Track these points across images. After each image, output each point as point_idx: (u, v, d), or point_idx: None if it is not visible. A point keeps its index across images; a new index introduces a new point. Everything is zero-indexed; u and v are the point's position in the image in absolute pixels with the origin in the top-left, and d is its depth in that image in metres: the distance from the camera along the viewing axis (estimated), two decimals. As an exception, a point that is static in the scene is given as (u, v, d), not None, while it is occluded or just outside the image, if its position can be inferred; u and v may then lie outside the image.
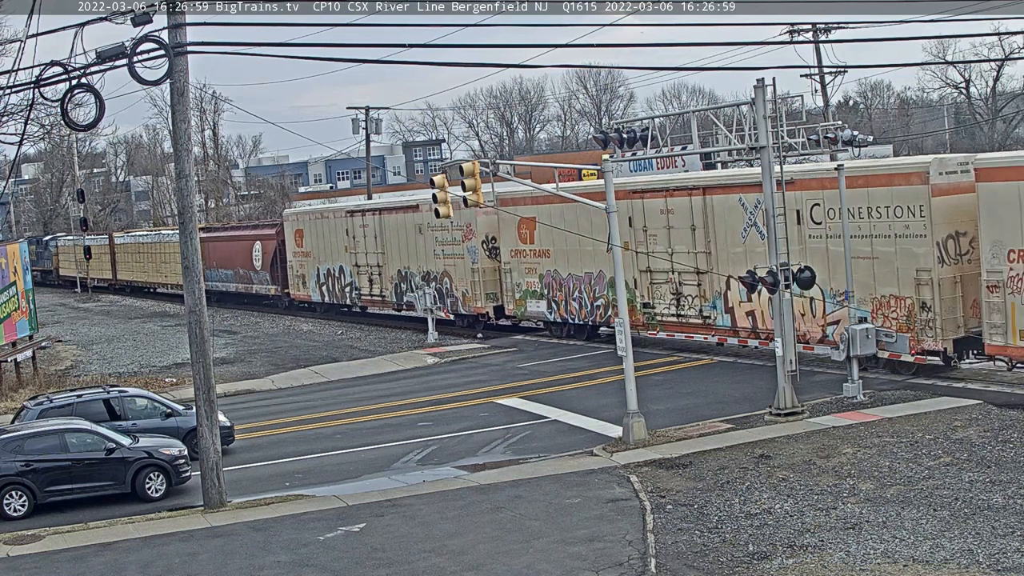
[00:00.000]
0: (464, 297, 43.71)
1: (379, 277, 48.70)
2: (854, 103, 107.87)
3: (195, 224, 22.51)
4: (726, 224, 32.04)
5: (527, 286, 40.75)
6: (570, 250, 38.29)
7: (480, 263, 42.70)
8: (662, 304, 34.93)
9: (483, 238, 42.53)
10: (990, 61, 78.73)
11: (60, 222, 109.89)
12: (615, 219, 25.31)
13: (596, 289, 37.51)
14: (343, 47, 42.20)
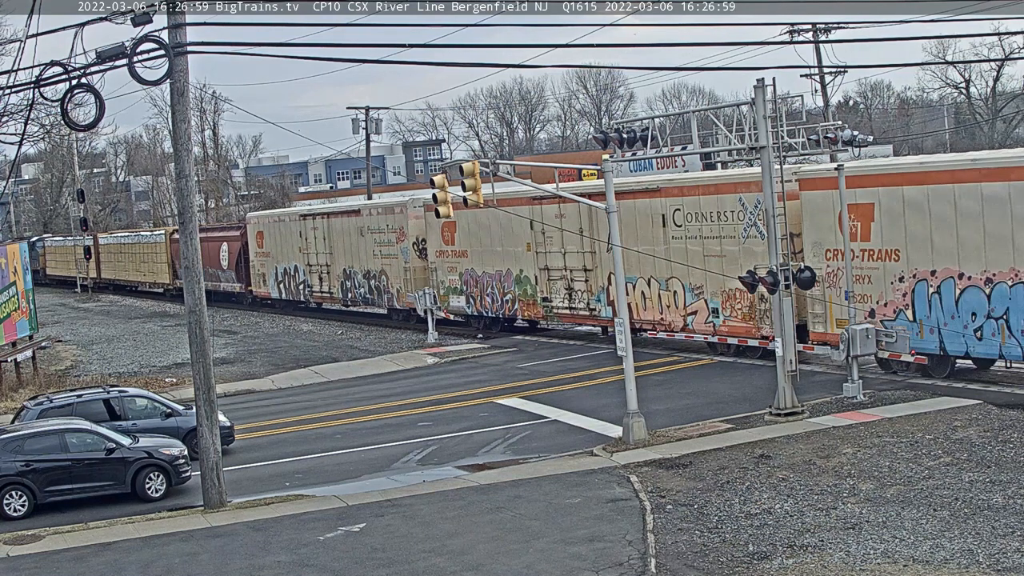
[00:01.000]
0: (399, 293, 47.32)
1: (328, 275, 52.64)
2: (854, 103, 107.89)
3: (195, 224, 22.50)
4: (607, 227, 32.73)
5: (449, 283, 44.53)
6: (484, 251, 42.41)
7: (411, 262, 46.35)
8: (558, 298, 39.14)
9: (414, 240, 46.14)
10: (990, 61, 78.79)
11: (60, 222, 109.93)
12: (615, 219, 25.33)
13: (505, 286, 41.60)
14: (343, 47, 42.28)
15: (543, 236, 39.21)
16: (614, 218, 25.26)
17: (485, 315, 43.15)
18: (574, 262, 38.13)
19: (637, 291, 35.30)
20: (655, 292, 35.18)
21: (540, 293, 39.84)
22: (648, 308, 35.37)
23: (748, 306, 31.56)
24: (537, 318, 41.18)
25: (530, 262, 39.97)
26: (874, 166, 29.12)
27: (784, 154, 26.76)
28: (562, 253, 38.56)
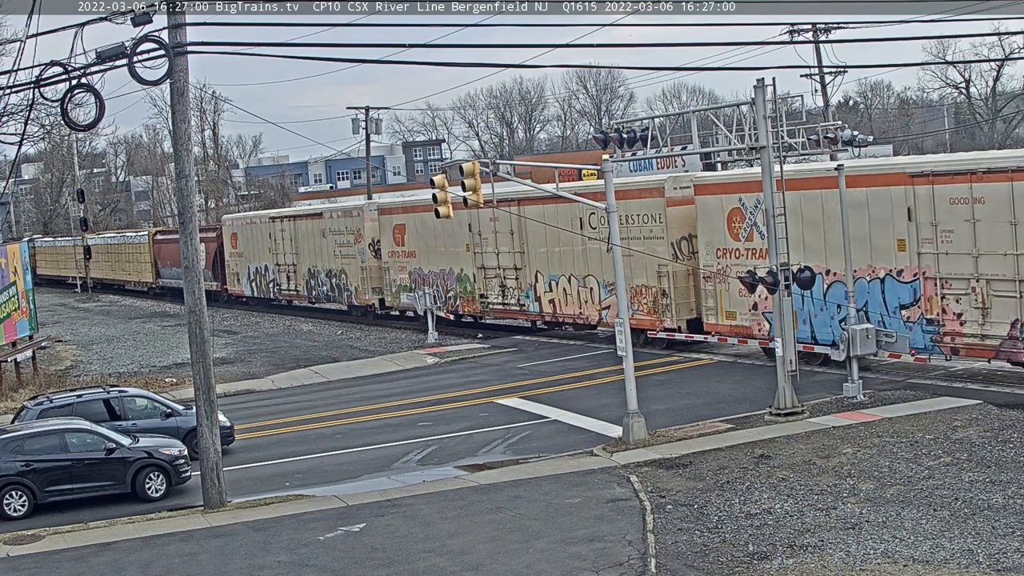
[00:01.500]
0: (356, 291, 51.14)
1: (294, 274, 56.39)
2: (854, 103, 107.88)
3: (195, 224, 22.50)
4: (541, 230, 38.93)
5: (400, 281, 48.27)
6: (430, 251, 45.86)
7: (367, 262, 50.08)
8: (493, 294, 42.55)
9: (369, 241, 49.88)
10: (990, 61, 78.78)
11: (60, 222, 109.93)
12: (615, 219, 25.34)
13: (448, 283, 45.24)
14: (343, 47, 42.35)
15: (480, 238, 42.71)
16: (614, 218, 25.27)
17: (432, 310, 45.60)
18: (506, 262, 41.66)
19: (559, 288, 39.18)
20: (575, 289, 38.57)
21: (478, 290, 43.35)
22: (569, 303, 38.95)
23: (652, 301, 35.28)
24: (475, 313, 44.56)
25: (469, 262, 43.51)
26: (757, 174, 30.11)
27: (784, 154, 26.77)
28: (496, 253, 42.04)
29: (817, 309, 29.75)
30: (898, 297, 27.91)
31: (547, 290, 39.67)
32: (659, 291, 34.75)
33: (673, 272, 34.42)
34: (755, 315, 31.72)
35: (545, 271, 39.66)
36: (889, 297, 28.17)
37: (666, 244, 34.35)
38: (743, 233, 31.68)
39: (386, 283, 48.95)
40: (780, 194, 26.37)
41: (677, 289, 34.41)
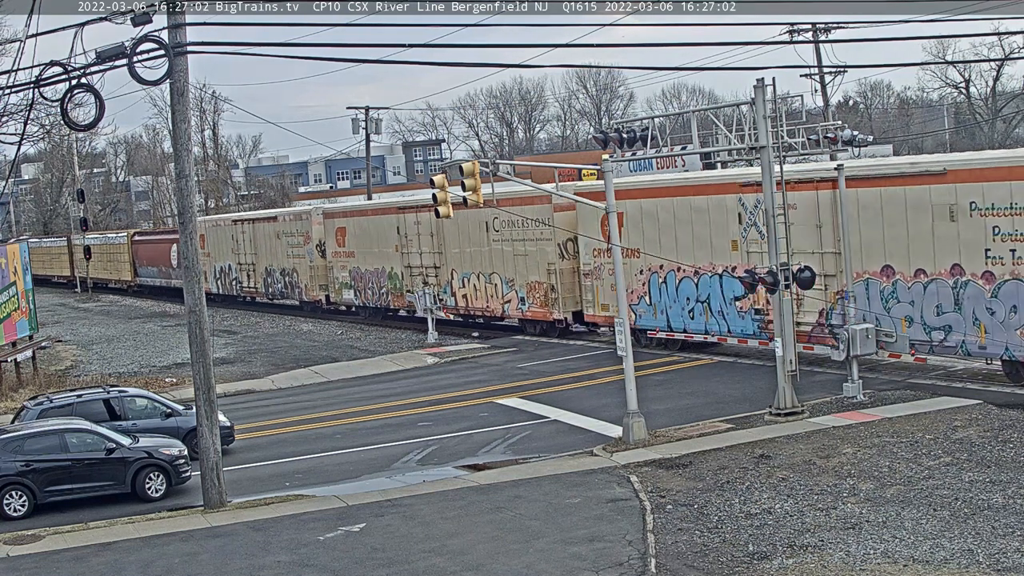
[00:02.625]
0: (306, 287, 55.94)
1: (253, 273, 61.12)
2: (854, 103, 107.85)
3: (195, 224, 22.52)
4: (456, 233, 43.79)
5: (342, 279, 52.57)
6: (367, 252, 50.33)
7: (315, 261, 54.70)
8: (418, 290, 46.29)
9: (316, 242, 54.37)
10: (990, 61, 78.77)
11: (60, 222, 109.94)
12: (615, 219, 25.36)
13: (381, 281, 49.57)
14: (343, 47, 42.33)
15: (406, 240, 47.19)
16: (613, 218, 25.28)
17: (368, 305, 50.95)
18: (428, 261, 46.05)
19: (470, 284, 43.69)
20: (483, 285, 42.96)
21: (405, 287, 47.84)
22: (478, 298, 43.42)
23: (543, 295, 39.69)
24: (400, 307, 48.81)
25: (398, 261, 47.99)
26: (622, 182, 34.32)
27: (784, 154, 26.77)
28: (419, 254, 46.49)
29: (671, 301, 34.41)
30: (733, 290, 32.08)
31: (461, 286, 44.31)
32: (549, 286, 39.53)
33: (560, 270, 39.12)
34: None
35: (459, 269, 44.21)
36: (726, 290, 32.54)
37: (554, 245, 39.04)
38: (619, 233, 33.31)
39: (331, 280, 53.68)
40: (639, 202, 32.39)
41: (563, 285, 39.11)
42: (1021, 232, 25.12)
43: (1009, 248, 25.26)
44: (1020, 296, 25.14)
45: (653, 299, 34.87)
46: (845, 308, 28.60)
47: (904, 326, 27.81)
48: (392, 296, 48.80)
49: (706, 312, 32.87)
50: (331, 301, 54.14)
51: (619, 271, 25.50)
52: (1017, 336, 25.30)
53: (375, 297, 50.01)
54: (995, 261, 25.44)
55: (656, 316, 34.80)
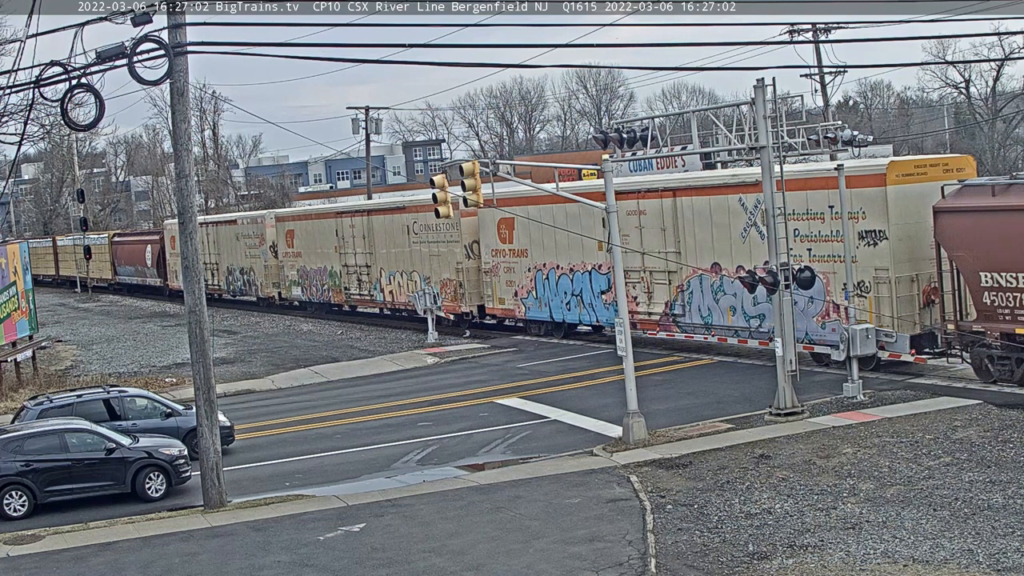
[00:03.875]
0: (261, 285, 60.88)
1: (217, 271, 65.80)
2: (854, 103, 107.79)
3: (195, 224, 22.54)
4: (384, 235, 48.84)
5: (291, 277, 57.46)
6: (311, 252, 55.11)
7: (269, 261, 59.68)
8: (353, 287, 51.50)
9: (270, 244, 59.11)
10: (990, 61, 78.65)
11: (60, 222, 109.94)
12: (615, 219, 25.33)
13: (324, 278, 54.22)
14: (343, 47, 42.38)
15: (344, 241, 51.96)
16: (613, 218, 25.26)
17: (313, 301, 55.72)
18: (361, 260, 50.69)
19: (395, 281, 48.46)
20: (405, 282, 47.51)
21: (343, 284, 52.40)
22: (402, 294, 48.03)
23: (454, 291, 44.40)
24: (341, 303, 53.59)
25: (337, 261, 52.57)
26: (514, 192, 37.20)
27: (784, 154, 26.77)
28: (354, 254, 51.19)
29: (552, 295, 39.57)
30: (599, 285, 37.14)
31: (388, 283, 49.00)
32: (457, 283, 44.13)
33: (467, 268, 43.73)
34: (515, 300, 41.43)
35: (387, 268, 48.93)
36: (595, 285, 37.34)
37: (461, 246, 43.71)
38: (507, 237, 41.64)
39: (282, 278, 58.75)
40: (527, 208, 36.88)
41: (469, 282, 43.70)
42: (814, 234, 29.67)
43: (806, 247, 29.70)
44: (815, 289, 29.46)
45: (539, 294, 40.25)
46: (685, 300, 34.00)
47: (729, 315, 32.61)
48: (333, 292, 53.71)
49: (579, 304, 38.48)
50: (283, 297, 59.07)
51: (619, 272, 25.48)
52: (814, 323, 29.79)
53: (319, 293, 55.00)
54: (796, 258, 28.87)
55: (541, 308, 40.25)
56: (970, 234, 26.05)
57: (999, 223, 25.45)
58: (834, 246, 29.05)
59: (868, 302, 28.55)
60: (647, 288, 35.25)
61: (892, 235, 28.18)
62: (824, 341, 29.51)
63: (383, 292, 49.42)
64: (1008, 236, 25.19)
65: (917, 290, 28.31)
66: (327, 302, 54.58)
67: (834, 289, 29.30)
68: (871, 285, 28.50)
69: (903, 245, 28.25)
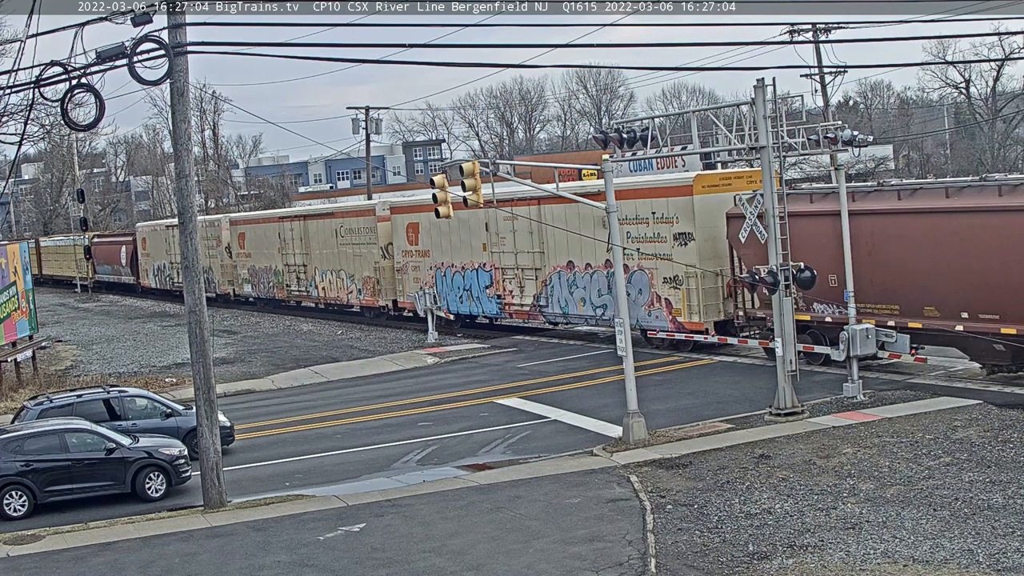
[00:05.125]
0: (219, 283, 66.42)
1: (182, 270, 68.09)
2: (854, 103, 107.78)
3: (195, 224, 22.53)
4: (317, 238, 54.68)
5: (243, 276, 63.29)
6: (260, 253, 60.98)
7: (224, 261, 65.47)
8: (293, 284, 57.29)
9: (225, 245, 65.13)
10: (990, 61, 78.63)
11: (60, 222, 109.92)
12: (615, 219, 25.33)
13: (270, 276, 59.86)
14: (343, 47, 42.47)
15: (284, 243, 57.65)
16: (613, 218, 25.25)
17: (261, 297, 61.46)
18: (298, 260, 56.70)
19: (327, 279, 53.94)
20: (335, 279, 53.12)
21: (285, 281, 58.19)
22: (332, 290, 53.56)
23: (372, 287, 50.01)
24: (284, 298, 58.98)
25: (280, 260, 58.52)
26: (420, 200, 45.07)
27: (784, 154, 26.76)
28: (293, 254, 57.00)
29: (449, 290, 44.62)
30: (484, 281, 42.62)
31: (321, 280, 54.49)
32: (375, 280, 49.77)
33: (383, 267, 49.29)
34: (420, 293, 45.79)
35: (320, 267, 54.42)
36: (480, 281, 42.76)
37: (378, 248, 49.34)
38: (414, 240, 47.03)
39: (235, 276, 64.48)
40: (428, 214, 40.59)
41: (385, 279, 49.18)
42: (642, 236, 34.78)
43: (636, 248, 34.51)
44: (643, 282, 35.23)
45: (439, 289, 45.21)
46: (548, 293, 39.22)
47: (581, 306, 38.00)
48: (277, 288, 59.48)
49: (470, 298, 43.61)
50: (236, 294, 64.42)
51: (619, 272, 25.48)
52: (643, 311, 35.27)
53: (266, 290, 60.70)
54: (629, 257, 33.41)
55: (440, 302, 44.91)
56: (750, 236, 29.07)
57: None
58: (656, 246, 34.46)
59: (682, 293, 33.97)
60: (520, 283, 40.70)
61: (698, 237, 33.29)
62: (650, 326, 35.52)
63: (317, 288, 55.19)
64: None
65: (721, 283, 33.39)
66: (272, 298, 60.09)
67: (657, 282, 34.78)
68: (683, 279, 33.74)
69: (708, 245, 33.28)
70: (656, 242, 34.38)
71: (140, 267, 77.69)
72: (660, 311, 34.61)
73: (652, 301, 35.06)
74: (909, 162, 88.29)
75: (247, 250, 62.11)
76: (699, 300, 33.50)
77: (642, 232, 34.79)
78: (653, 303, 35.04)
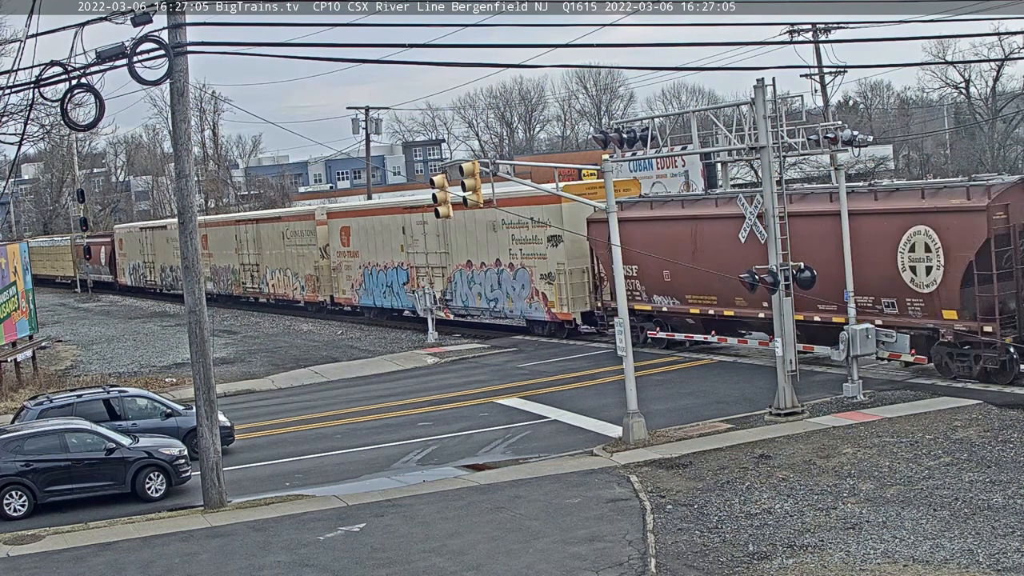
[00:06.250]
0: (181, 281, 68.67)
1: (154, 269, 76.28)
2: (854, 103, 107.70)
3: (195, 224, 22.52)
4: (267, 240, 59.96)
5: (206, 274, 64.66)
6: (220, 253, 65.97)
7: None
8: (248, 282, 62.77)
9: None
10: (990, 61, 78.54)
11: (60, 222, 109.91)
12: (614, 219, 25.32)
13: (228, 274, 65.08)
14: (343, 47, 42.38)
15: (240, 243, 63.11)
16: (613, 217, 25.25)
17: (221, 294, 65.26)
18: (252, 260, 62.07)
19: (276, 276, 59.40)
20: (283, 276, 58.63)
21: (241, 279, 63.52)
22: (280, 287, 58.94)
23: (314, 284, 55.22)
24: (240, 294, 64.04)
25: (236, 260, 63.89)
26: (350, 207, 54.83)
27: (784, 154, 26.75)
28: (248, 254, 62.49)
29: (375, 287, 49.69)
30: (401, 278, 47.79)
31: (271, 278, 59.98)
32: (316, 278, 54.79)
33: (322, 266, 54.13)
34: (352, 291, 51.34)
35: (271, 266, 59.83)
36: (399, 278, 47.91)
37: (317, 249, 54.35)
38: (346, 242, 51.71)
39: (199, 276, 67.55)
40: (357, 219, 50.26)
41: (324, 277, 54.20)
42: (523, 238, 40.26)
43: (519, 248, 40.42)
44: (525, 278, 40.48)
45: (367, 286, 50.35)
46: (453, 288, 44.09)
47: (478, 299, 43.02)
48: (234, 286, 64.55)
49: (391, 293, 48.59)
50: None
51: (619, 272, 25.48)
52: (525, 303, 40.63)
53: (225, 287, 65.62)
54: (513, 256, 40.82)
55: (368, 297, 50.26)
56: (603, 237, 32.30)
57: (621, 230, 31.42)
58: (534, 247, 39.97)
59: (554, 287, 39.26)
60: (430, 280, 45.58)
61: (567, 239, 38.07)
62: (531, 317, 40.98)
63: (268, 285, 60.67)
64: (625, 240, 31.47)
65: (587, 279, 38.46)
66: (231, 294, 65.16)
67: (536, 278, 40.07)
68: (556, 275, 39.05)
69: (575, 246, 38.26)
70: (534, 243, 39.94)
71: (117, 266, 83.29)
72: (539, 303, 40.12)
73: (532, 295, 40.36)
74: (909, 162, 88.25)
75: (209, 251, 65.54)
76: (568, 294, 38.93)
77: (524, 235, 40.17)
78: (533, 296, 40.36)
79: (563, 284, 38.91)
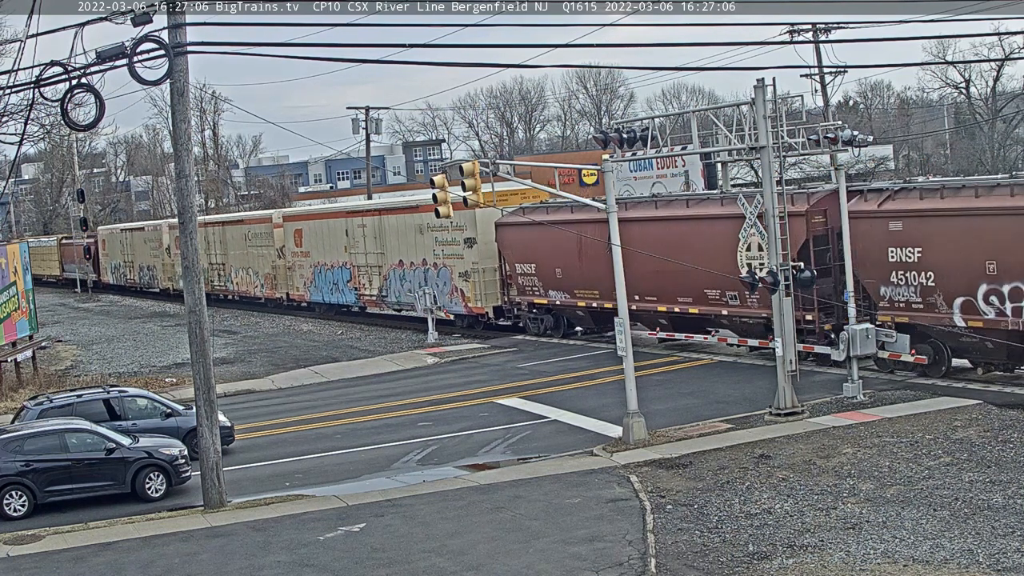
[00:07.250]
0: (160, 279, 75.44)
1: (133, 267, 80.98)
2: (854, 103, 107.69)
3: (195, 224, 22.57)
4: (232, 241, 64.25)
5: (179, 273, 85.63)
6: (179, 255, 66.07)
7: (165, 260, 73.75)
8: (216, 279, 65.48)
9: (166, 246, 73.02)
10: (990, 61, 78.55)
11: (60, 222, 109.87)
12: (614, 219, 25.30)
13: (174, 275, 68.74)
14: (343, 47, 42.37)
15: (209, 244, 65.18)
16: (613, 218, 25.22)
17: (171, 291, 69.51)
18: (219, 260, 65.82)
19: (239, 275, 63.46)
20: (246, 275, 62.70)
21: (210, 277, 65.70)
22: (244, 285, 63.06)
23: (272, 281, 59.45)
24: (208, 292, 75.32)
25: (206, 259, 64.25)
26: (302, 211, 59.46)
27: (784, 154, 26.76)
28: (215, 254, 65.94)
29: (324, 284, 53.77)
30: (345, 277, 51.55)
31: (236, 276, 64.05)
32: (273, 276, 59.14)
33: (279, 265, 58.45)
34: (305, 288, 55.45)
35: (235, 265, 63.89)
36: (344, 276, 51.71)
37: (274, 250, 58.47)
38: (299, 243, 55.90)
39: (173, 274, 70.82)
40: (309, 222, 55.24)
41: (280, 275, 58.40)
42: (445, 240, 44.09)
43: (441, 249, 44.42)
44: (446, 276, 44.33)
45: (317, 283, 54.34)
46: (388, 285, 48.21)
47: (410, 295, 46.41)
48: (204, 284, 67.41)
49: (337, 290, 52.59)
50: (174, 289, 69.62)
51: (618, 271, 25.46)
52: (447, 298, 44.19)
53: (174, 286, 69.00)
54: (436, 256, 44.81)
55: (318, 294, 54.52)
56: (509, 239, 41.14)
57: (522, 232, 40.14)
58: (454, 248, 43.94)
59: (470, 284, 43.03)
60: (369, 278, 49.62)
61: (480, 240, 42.15)
62: (451, 310, 44.68)
63: (233, 283, 64.61)
64: (525, 241, 39.65)
65: (499, 276, 42.25)
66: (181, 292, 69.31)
67: (455, 276, 43.78)
68: (471, 273, 42.87)
69: (487, 247, 42.16)
70: (453, 245, 43.90)
71: (100, 265, 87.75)
72: (458, 299, 43.92)
73: (452, 291, 44.09)
74: (909, 162, 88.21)
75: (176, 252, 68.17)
76: (482, 290, 42.85)
77: (445, 237, 44.16)
78: (453, 292, 44.06)
79: (477, 281, 42.77)
